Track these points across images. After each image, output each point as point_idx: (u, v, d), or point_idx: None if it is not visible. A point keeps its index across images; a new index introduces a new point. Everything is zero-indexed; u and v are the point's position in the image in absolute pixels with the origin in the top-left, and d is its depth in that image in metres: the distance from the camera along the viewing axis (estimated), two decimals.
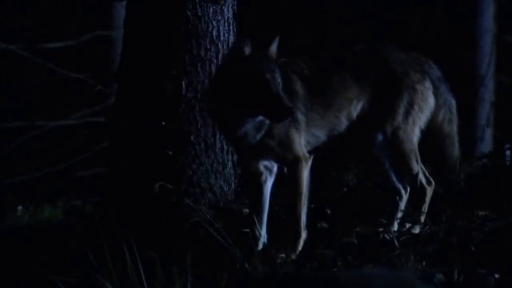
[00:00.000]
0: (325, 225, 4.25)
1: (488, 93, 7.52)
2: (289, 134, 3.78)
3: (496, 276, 3.23)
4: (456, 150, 4.14)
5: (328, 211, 4.43)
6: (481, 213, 4.11)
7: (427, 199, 4.06)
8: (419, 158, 3.99)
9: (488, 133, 7.54)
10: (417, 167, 3.98)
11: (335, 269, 3.44)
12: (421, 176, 4.02)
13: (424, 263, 3.35)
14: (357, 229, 4.04)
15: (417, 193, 4.06)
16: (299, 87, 3.84)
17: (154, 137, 4.55)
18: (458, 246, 3.57)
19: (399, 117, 3.92)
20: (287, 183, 3.88)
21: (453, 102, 4.11)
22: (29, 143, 7.81)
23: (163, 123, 4.53)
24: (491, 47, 7.37)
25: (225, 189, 4.68)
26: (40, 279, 3.88)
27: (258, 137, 3.73)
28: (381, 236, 3.82)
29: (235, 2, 4.69)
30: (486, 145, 7.50)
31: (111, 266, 3.31)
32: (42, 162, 7.78)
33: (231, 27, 4.65)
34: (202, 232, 4.07)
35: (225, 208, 4.56)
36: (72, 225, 4.98)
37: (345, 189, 4.97)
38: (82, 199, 6.24)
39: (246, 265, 3.52)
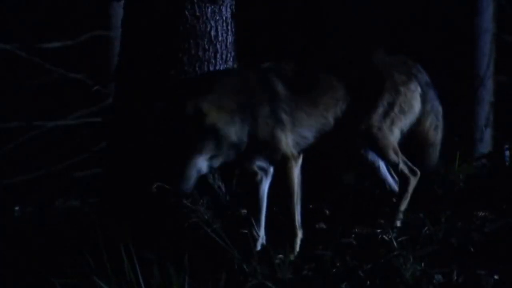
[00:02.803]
0: (323, 225, 4.24)
1: (487, 93, 7.49)
2: (274, 134, 3.78)
3: (496, 277, 3.22)
4: (436, 159, 4.14)
5: (327, 212, 4.43)
6: (481, 213, 4.11)
7: (409, 188, 4.04)
8: (398, 150, 3.97)
9: (488, 133, 7.51)
10: (397, 158, 3.96)
11: (334, 270, 3.43)
12: (402, 167, 3.99)
13: (423, 263, 3.34)
14: (356, 229, 4.03)
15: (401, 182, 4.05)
16: (280, 89, 3.87)
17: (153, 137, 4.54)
18: (458, 247, 3.56)
19: (376, 117, 3.90)
20: (279, 183, 3.89)
21: (440, 109, 4.10)
22: (27, 144, 7.79)
23: None
24: (490, 47, 7.35)
25: (224, 189, 4.67)
26: (38, 280, 3.87)
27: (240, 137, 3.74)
28: (380, 236, 3.81)
29: (234, 2, 4.69)
30: (486, 146, 7.48)
31: (108, 267, 3.31)
32: (40, 163, 7.76)
33: (229, 27, 4.64)
34: (200, 233, 4.06)
35: (224, 209, 4.55)
36: (69, 226, 4.97)
37: (343, 190, 4.96)
38: (80, 200, 6.22)
39: (245, 266, 3.51)
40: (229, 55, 4.65)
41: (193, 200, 4.50)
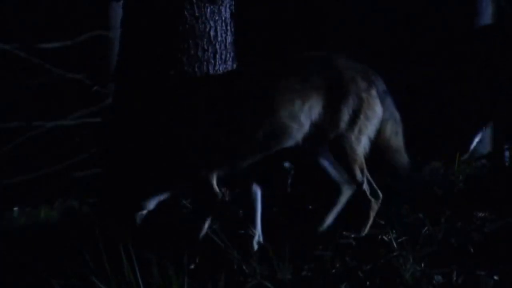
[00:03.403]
0: None
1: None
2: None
3: (495, 277, 3.22)
4: (405, 160, 4.08)
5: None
6: (480, 214, 4.10)
7: (372, 212, 3.97)
8: (365, 168, 3.92)
9: (487, 134, 7.52)
10: (362, 176, 3.92)
11: (333, 270, 3.42)
12: (365, 187, 3.95)
13: (423, 264, 3.34)
14: (355, 230, 4.02)
15: (364, 204, 3.99)
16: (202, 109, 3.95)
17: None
18: (457, 247, 3.55)
19: (343, 124, 3.88)
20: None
21: (398, 115, 4.05)
22: (26, 144, 7.79)
23: None
24: None
25: (223, 190, 4.66)
26: (37, 280, 3.86)
27: None
28: (380, 237, 3.81)
29: (233, 2, 4.68)
30: (485, 146, 7.49)
31: (107, 267, 3.30)
32: (39, 163, 7.76)
33: (228, 27, 4.63)
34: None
35: (222, 209, 4.55)
36: (68, 226, 4.97)
37: None
38: (79, 200, 6.22)
39: (244, 266, 3.51)
40: (228, 55, 4.64)
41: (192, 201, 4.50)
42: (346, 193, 4.00)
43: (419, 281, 3.23)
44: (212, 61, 4.57)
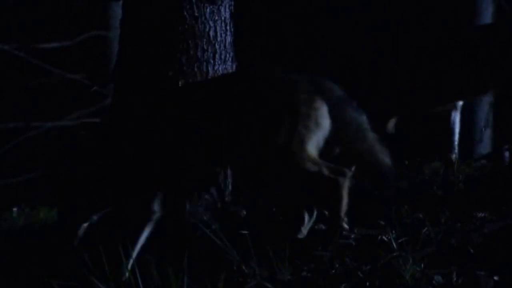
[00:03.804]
0: (322, 226, 4.23)
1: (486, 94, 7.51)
2: None
3: (495, 278, 3.21)
4: (383, 161, 3.94)
5: (326, 213, 4.42)
6: (480, 214, 4.10)
7: (342, 191, 3.79)
8: (317, 159, 3.80)
9: (487, 134, 7.52)
10: (317, 166, 3.79)
11: (333, 271, 3.42)
12: (325, 172, 3.79)
13: (422, 264, 3.33)
14: (355, 230, 4.02)
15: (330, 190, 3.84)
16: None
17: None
18: (457, 248, 3.55)
19: (283, 139, 3.80)
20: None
21: (363, 118, 3.91)
22: (25, 144, 7.79)
23: None
24: None
25: (223, 190, 4.66)
26: (35, 281, 3.86)
27: None
28: (379, 237, 3.80)
29: (232, 2, 4.68)
30: (485, 146, 7.49)
31: (107, 268, 3.30)
32: (38, 163, 7.76)
33: (228, 27, 4.63)
34: (198, 233, 4.05)
35: (222, 209, 4.55)
36: (67, 227, 4.96)
37: None
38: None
39: (243, 267, 3.51)
40: (228, 55, 4.64)
41: (192, 201, 4.50)
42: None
43: (419, 282, 3.23)
44: (212, 61, 4.57)
